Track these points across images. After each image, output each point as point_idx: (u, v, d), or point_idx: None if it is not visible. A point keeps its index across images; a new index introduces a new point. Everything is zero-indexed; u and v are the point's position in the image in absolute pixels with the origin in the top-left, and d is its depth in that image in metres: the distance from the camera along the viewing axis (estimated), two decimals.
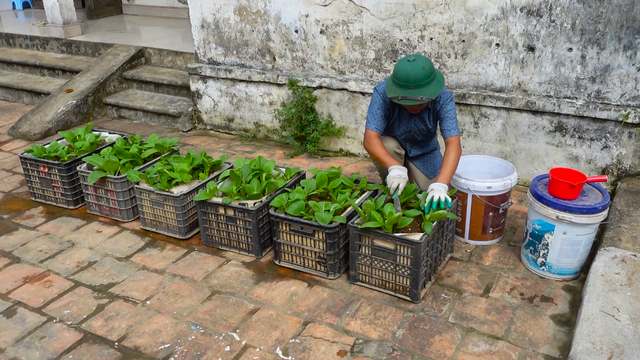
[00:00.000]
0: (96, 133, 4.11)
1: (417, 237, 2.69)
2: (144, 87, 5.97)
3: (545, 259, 2.92)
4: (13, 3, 9.41)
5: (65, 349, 2.54)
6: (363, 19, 4.16)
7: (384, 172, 3.47)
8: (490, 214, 3.17)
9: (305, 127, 4.58)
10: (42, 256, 3.28)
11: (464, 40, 3.86)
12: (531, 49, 3.67)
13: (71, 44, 6.78)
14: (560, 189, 2.81)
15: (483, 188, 3.09)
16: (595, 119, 3.62)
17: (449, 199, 2.86)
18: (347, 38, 4.28)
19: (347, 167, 4.41)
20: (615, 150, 3.63)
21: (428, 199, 2.86)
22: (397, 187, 2.97)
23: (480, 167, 3.42)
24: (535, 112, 3.78)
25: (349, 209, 3.03)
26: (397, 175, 2.98)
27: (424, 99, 2.93)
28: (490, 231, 3.24)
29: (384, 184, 3.57)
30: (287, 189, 3.21)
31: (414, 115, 3.23)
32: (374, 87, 3.22)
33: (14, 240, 3.46)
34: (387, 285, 2.83)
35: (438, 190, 2.88)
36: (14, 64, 6.83)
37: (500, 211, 3.19)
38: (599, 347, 2.20)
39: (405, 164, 3.50)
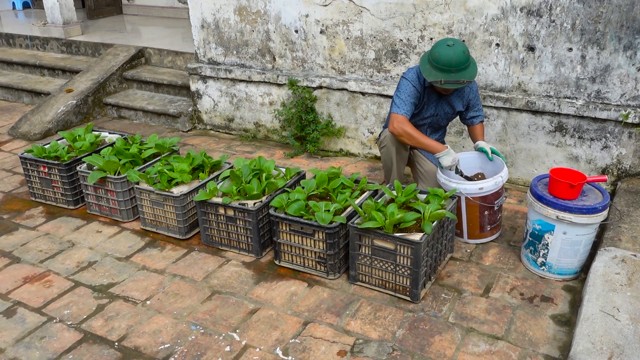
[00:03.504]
0: (96, 133, 4.11)
1: (417, 237, 2.69)
2: (144, 87, 5.97)
3: (545, 259, 2.92)
4: (13, 3, 9.41)
5: (65, 349, 2.54)
6: (363, 19, 4.16)
7: (388, 168, 3.47)
8: (486, 212, 3.17)
9: (305, 127, 4.58)
10: (42, 256, 3.28)
11: (464, 40, 3.86)
12: (531, 49, 3.67)
13: (71, 44, 6.78)
14: (560, 189, 2.81)
15: (475, 190, 3.09)
16: (595, 119, 3.62)
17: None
18: (347, 38, 4.28)
19: (347, 167, 4.41)
20: (615, 150, 3.63)
21: (489, 149, 3.29)
22: (461, 172, 3.24)
23: (471, 163, 3.42)
24: (535, 112, 3.78)
25: (349, 209, 3.03)
26: (452, 161, 3.18)
27: (465, 82, 3.06)
28: (488, 228, 3.24)
29: (387, 181, 3.57)
30: (287, 189, 3.21)
31: (442, 98, 3.33)
32: (402, 76, 3.29)
33: (14, 240, 3.46)
34: (387, 285, 2.83)
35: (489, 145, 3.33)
36: (14, 64, 6.83)
37: (496, 208, 3.18)
38: (599, 347, 2.20)
39: (413, 152, 3.55)
